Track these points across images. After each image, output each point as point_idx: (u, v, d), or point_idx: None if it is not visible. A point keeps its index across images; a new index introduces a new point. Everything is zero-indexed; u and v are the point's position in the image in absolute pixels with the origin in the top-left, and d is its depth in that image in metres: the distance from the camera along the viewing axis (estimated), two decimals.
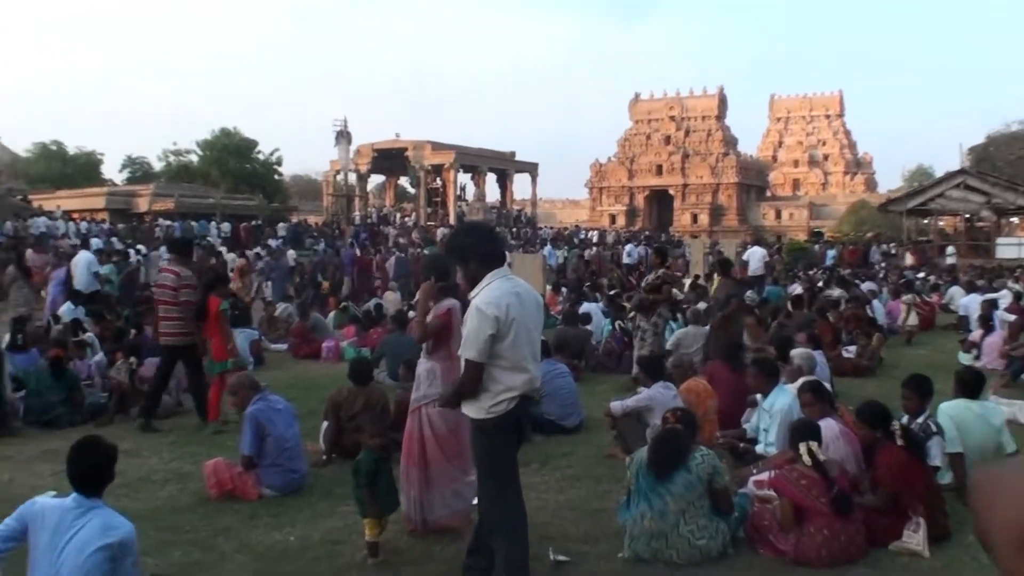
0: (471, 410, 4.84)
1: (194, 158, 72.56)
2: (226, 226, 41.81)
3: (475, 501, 6.13)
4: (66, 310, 16.29)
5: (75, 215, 44.60)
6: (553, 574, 5.46)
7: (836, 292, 18.65)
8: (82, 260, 20.42)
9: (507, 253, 28.27)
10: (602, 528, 6.29)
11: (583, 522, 6.46)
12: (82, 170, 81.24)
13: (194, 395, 10.14)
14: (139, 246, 32.14)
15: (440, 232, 45.25)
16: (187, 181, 65.07)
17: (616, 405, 8.30)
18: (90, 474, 4.57)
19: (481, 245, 5.03)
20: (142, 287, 21.41)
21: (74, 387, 10.42)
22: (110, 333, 13.41)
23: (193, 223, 41.70)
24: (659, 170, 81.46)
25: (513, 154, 69.54)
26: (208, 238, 37.97)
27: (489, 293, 4.77)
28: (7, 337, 13.04)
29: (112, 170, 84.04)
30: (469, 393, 4.81)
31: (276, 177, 73.91)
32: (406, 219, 56.53)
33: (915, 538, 5.78)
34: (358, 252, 30.24)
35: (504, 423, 4.78)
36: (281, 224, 45.70)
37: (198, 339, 9.79)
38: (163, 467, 8.23)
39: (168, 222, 42.48)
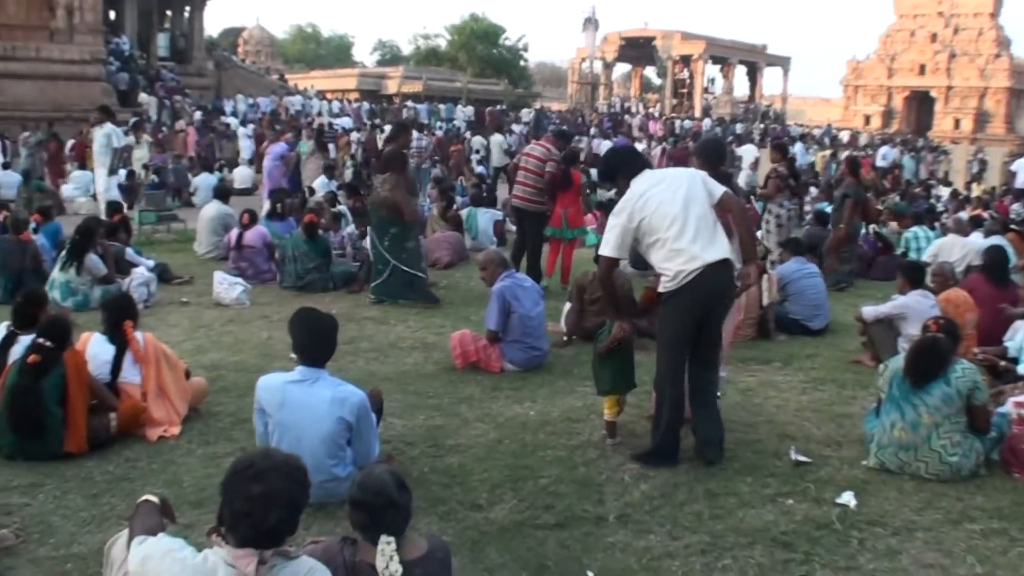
0: (660, 286, 5.36)
1: (442, 42, 73.95)
2: (469, 109, 42.49)
3: (718, 395, 6.07)
4: (320, 183, 17.14)
5: (328, 94, 46.53)
6: (793, 474, 5.33)
7: None
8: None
9: (747, 151, 27.50)
10: (845, 434, 6.07)
11: (825, 425, 6.26)
12: (334, 52, 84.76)
13: (528, 257, 10.77)
14: (385, 127, 33.23)
15: (678, 125, 44.44)
16: (435, 65, 66.50)
17: (868, 310, 7.94)
18: (312, 346, 4.76)
19: (623, 164, 5.63)
20: None
21: (326, 253, 10.95)
22: (361, 207, 13.96)
23: (440, 106, 42.65)
24: (922, 70, 76.15)
25: (765, 47, 66.98)
26: (454, 121, 38.79)
27: (619, 203, 5.42)
28: (267, 205, 13.88)
29: (363, 52, 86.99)
30: (607, 282, 5.52)
31: (522, 63, 74.30)
32: (650, 110, 55.69)
33: None
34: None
35: (678, 295, 5.21)
36: (525, 110, 46.04)
37: (548, 207, 10.74)
38: (410, 335, 8.56)
39: (414, 104, 43.60)
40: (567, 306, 8.49)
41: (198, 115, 31.90)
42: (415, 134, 23.41)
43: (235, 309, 9.64)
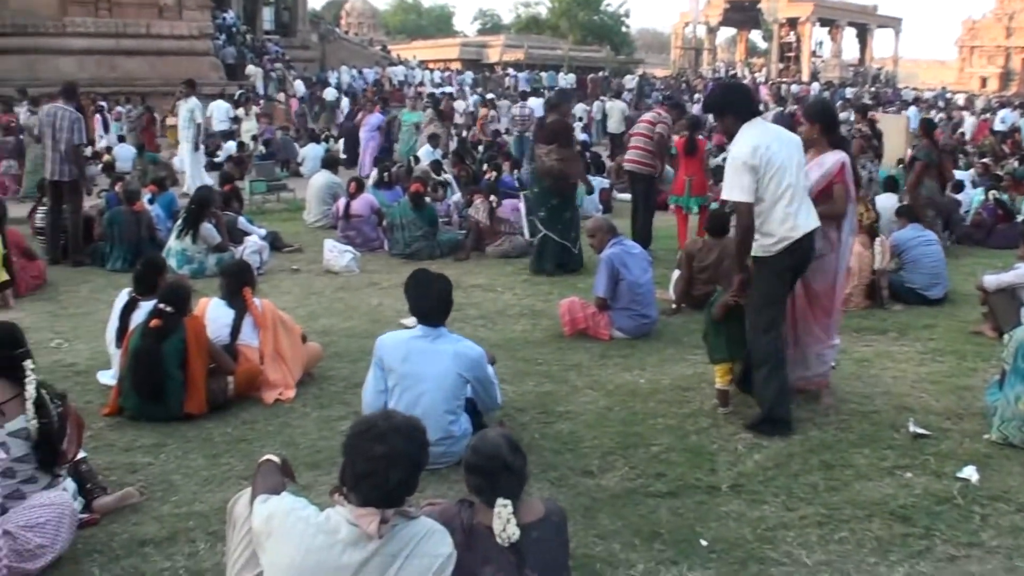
0: (755, 249, 5.26)
1: (543, 10, 73.46)
2: (571, 77, 42.26)
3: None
4: (426, 152, 17.25)
5: (430, 64, 46.82)
6: (912, 446, 5.18)
7: None
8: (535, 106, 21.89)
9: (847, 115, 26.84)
10: (966, 406, 5.86)
11: (944, 398, 6.06)
12: (435, 22, 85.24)
13: (639, 221, 10.77)
14: (489, 95, 33.27)
15: (783, 88, 43.48)
16: (536, 32, 66.19)
17: (990, 279, 7.65)
18: (429, 306, 4.85)
19: (737, 101, 5.42)
20: (496, 132, 22.18)
21: (433, 222, 11.03)
22: (467, 175, 14.03)
23: (542, 74, 42.52)
24: None
25: (875, 8, 65.01)
26: (555, 88, 38.62)
27: (742, 143, 5.18)
28: (375, 174, 14.04)
29: (464, 22, 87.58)
30: (746, 230, 5.19)
31: (624, 29, 73.44)
32: (756, 74, 54.58)
33: None
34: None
35: (776, 260, 5.22)
36: (628, 77, 45.60)
37: (658, 170, 10.77)
38: (517, 303, 8.57)
39: (515, 72, 43.54)
40: (675, 273, 8.39)
41: (299, 85, 32.40)
42: (519, 102, 23.44)
43: (345, 276, 9.80)
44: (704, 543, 4.05)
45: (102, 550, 4.02)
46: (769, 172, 5.10)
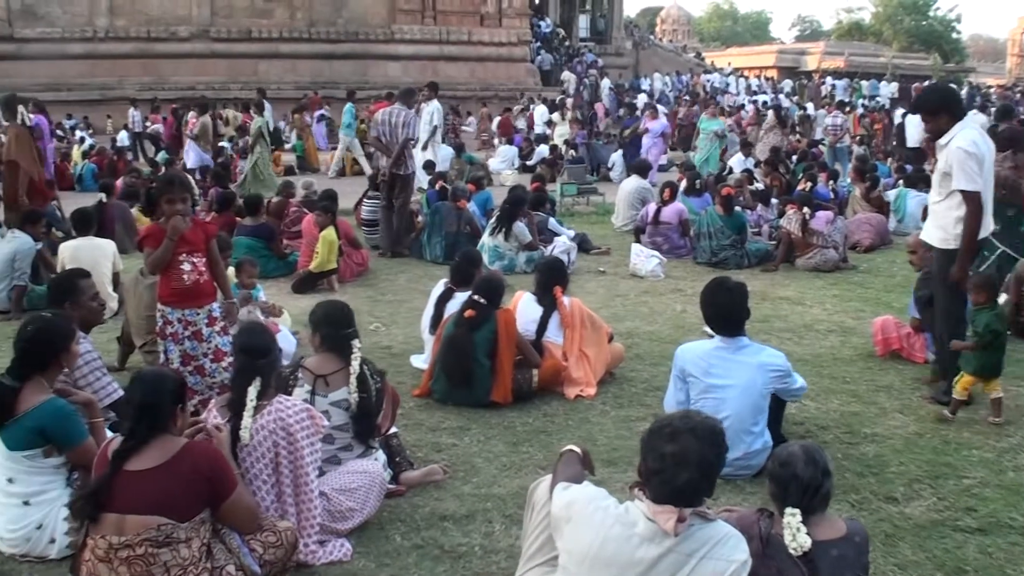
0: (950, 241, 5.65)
1: (866, 15, 70.61)
2: (893, 86, 40.28)
3: None
4: (737, 161, 17.04)
5: (744, 71, 46.16)
6: None
7: None
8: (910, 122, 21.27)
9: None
10: None
11: None
12: (751, 29, 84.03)
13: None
14: (807, 104, 32.33)
15: None
16: (858, 39, 63.72)
17: None
18: (723, 315, 4.85)
19: (953, 102, 5.81)
20: (812, 143, 21.48)
21: (741, 230, 10.84)
22: (780, 185, 13.69)
23: (863, 82, 40.84)
24: None
25: None
26: (877, 98, 36.98)
27: (964, 135, 5.50)
28: (684, 183, 14.05)
29: (781, 29, 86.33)
30: (979, 222, 5.50)
31: (954, 36, 69.14)
32: None
33: None
34: None
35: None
36: (951, 86, 42.93)
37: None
38: (826, 318, 8.27)
39: (832, 80, 42.06)
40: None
41: (606, 85, 32.79)
42: (833, 112, 22.63)
43: (649, 281, 9.86)
44: None
45: (405, 520, 4.30)
46: (985, 165, 5.49)
